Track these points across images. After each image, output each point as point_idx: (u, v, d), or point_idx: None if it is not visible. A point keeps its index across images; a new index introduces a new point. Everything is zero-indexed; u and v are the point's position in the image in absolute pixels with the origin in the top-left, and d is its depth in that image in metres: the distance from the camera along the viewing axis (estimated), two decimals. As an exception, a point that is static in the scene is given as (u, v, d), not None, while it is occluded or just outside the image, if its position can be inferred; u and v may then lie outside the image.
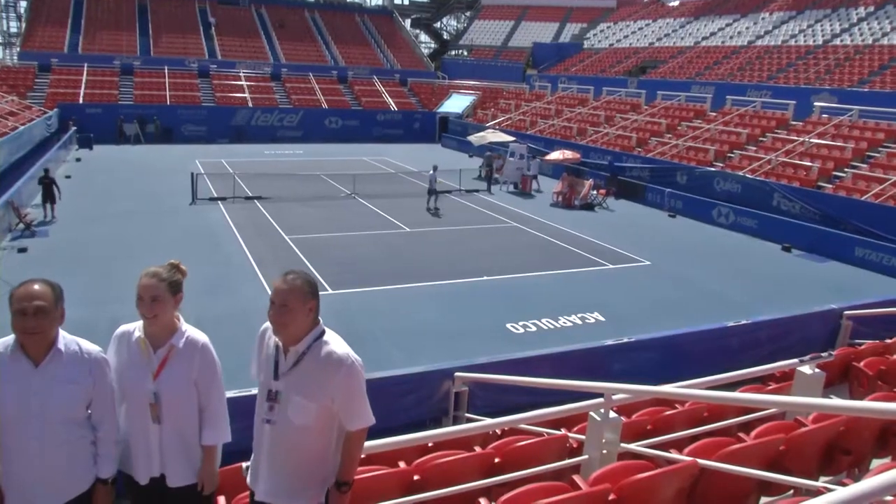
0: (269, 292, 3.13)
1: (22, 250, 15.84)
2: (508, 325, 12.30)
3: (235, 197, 22.81)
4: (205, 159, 31.42)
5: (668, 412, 5.17)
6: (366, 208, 22.45)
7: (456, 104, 47.79)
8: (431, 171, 22.95)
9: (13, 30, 51.45)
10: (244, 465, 3.47)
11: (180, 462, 3.32)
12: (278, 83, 46.84)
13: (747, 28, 43.30)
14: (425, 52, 62.70)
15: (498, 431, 5.28)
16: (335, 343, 3.10)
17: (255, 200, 22.69)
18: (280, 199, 22.85)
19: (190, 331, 3.34)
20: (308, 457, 3.12)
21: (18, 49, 47.19)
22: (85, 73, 42.22)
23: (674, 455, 3.98)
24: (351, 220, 20.62)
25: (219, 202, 22.33)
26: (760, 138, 26.81)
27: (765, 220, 20.81)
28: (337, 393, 3.04)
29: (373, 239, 18.40)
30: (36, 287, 2.97)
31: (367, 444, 4.32)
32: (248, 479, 3.35)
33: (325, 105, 44.95)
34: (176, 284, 3.30)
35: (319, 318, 3.16)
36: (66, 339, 3.08)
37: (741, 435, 4.39)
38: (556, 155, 29.44)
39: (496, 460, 4.32)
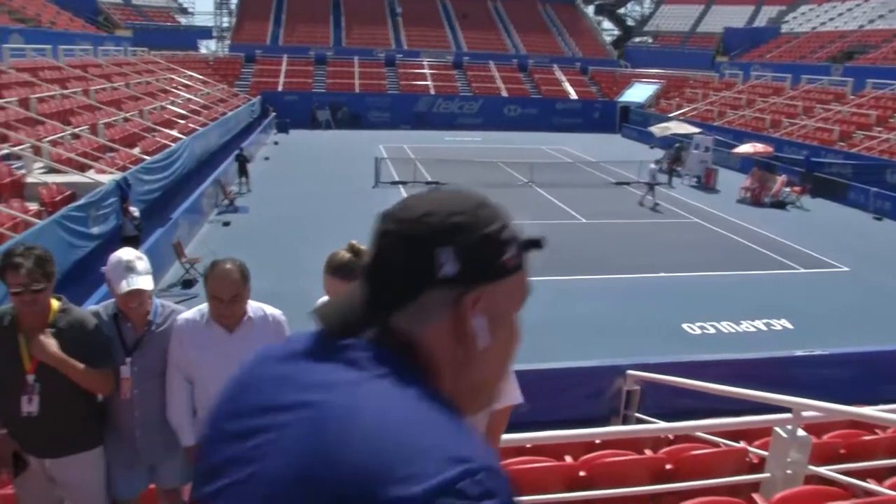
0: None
1: (226, 224, 17.48)
2: (684, 325, 11.79)
3: (415, 181, 23.61)
4: (388, 144, 32.77)
5: (865, 437, 4.70)
6: (542, 197, 22.38)
7: (638, 93, 46.24)
8: (652, 165, 22.22)
9: (225, 24, 56.41)
10: None
11: None
12: (460, 71, 47.76)
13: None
14: (608, 39, 61.10)
15: (670, 436, 5.09)
16: None
17: (434, 185, 23.34)
18: (458, 185, 23.21)
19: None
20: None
21: (229, 42, 51.76)
22: (284, 63, 45.46)
23: (873, 486, 3.63)
24: (527, 208, 20.62)
25: (399, 186, 23.24)
26: None
27: None
28: None
29: (548, 228, 18.22)
30: (230, 279, 3.18)
31: (534, 435, 4.34)
32: None
33: (504, 93, 45.24)
34: (356, 275, 3.37)
35: None
36: (252, 306, 3.34)
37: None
38: (746, 148, 27.64)
39: (668, 466, 4.16)
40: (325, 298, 3.47)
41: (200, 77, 37.77)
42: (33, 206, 12.29)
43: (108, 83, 25.47)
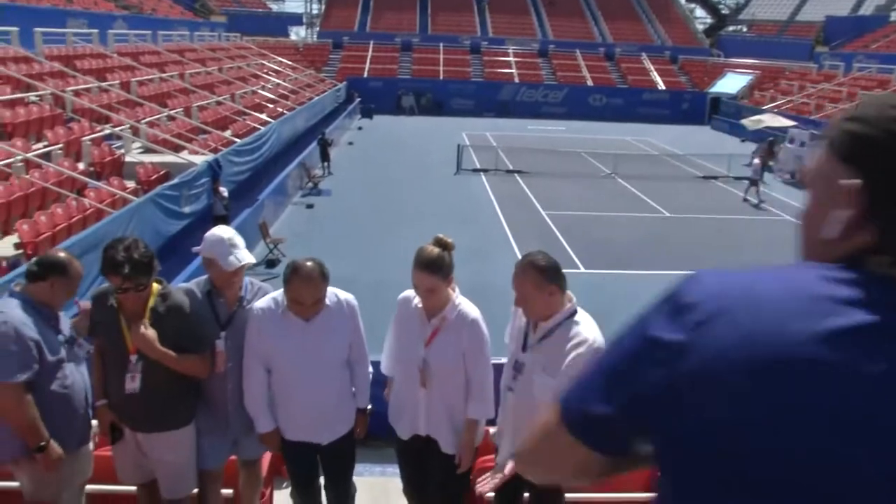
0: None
1: (309, 206, 17.86)
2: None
3: (497, 169, 23.53)
4: (470, 132, 32.74)
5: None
6: (625, 189, 21.92)
7: (730, 84, 44.57)
8: (756, 160, 21.47)
9: (314, 11, 57.52)
10: (491, 430, 3.59)
11: (445, 429, 3.41)
12: (545, 59, 47.21)
13: None
14: (700, 27, 59.05)
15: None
16: (585, 325, 3.06)
17: (516, 174, 23.21)
18: (540, 174, 23.12)
19: (463, 304, 3.38)
20: None
21: (318, 29, 52.78)
22: (370, 49, 45.99)
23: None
24: (609, 200, 20.27)
25: (481, 173, 23.21)
26: None
27: None
28: (571, 372, 3.00)
29: (630, 221, 17.93)
30: (312, 284, 3.22)
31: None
32: (493, 439, 3.50)
33: (590, 82, 44.48)
34: (449, 268, 3.29)
35: (571, 297, 3.13)
36: (327, 294, 3.37)
37: None
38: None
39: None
40: (410, 293, 3.45)
41: (289, 62, 38.68)
42: (131, 184, 12.88)
43: (203, 67, 26.39)
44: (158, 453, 3.40)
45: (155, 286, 3.28)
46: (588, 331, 3.04)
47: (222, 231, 3.45)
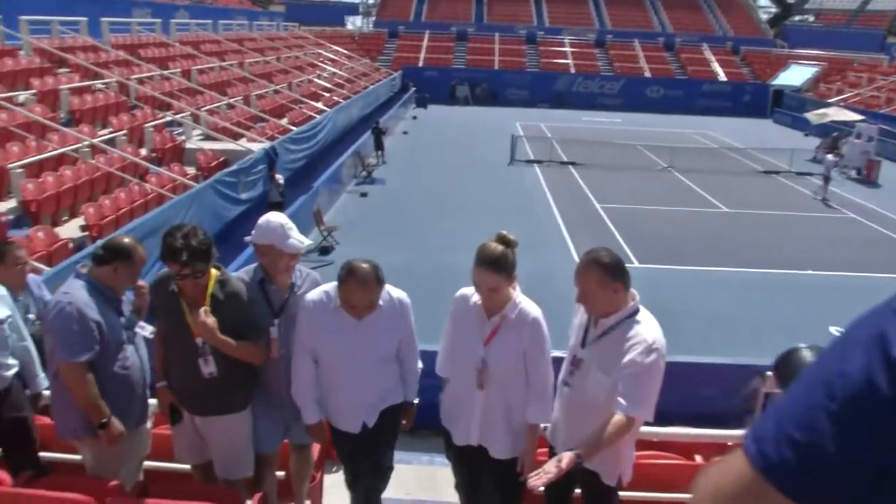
0: (576, 257, 3.12)
1: (363, 195, 18.01)
2: (832, 329, 10.96)
3: (551, 161, 23.33)
4: (525, 122, 32.52)
5: None
6: (682, 183, 21.48)
7: (794, 76, 43.20)
8: (829, 156, 20.69)
9: (371, 1, 57.77)
10: (542, 425, 3.54)
11: (501, 433, 3.30)
12: (602, 50, 46.54)
13: None
14: (764, 17, 57.31)
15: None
16: (647, 326, 2.99)
17: (570, 166, 22.98)
18: (594, 166, 22.83)
19: (524, 303, 3.25)
20: (596, 425, 2.99)
21: (374, 18, 53.04)
22: (426, 39, 46.02)
23: None
24: (665, 193, 19.91)
25: (535, 165, 23.05)
26: None
27: None
28: (627, 373, 2.94)
29: (687, 216, 17.58)
30: (365, 289, 3.17)
31: (663, 430, 4.18)
32: (547, 435, 3.41)
33: (647, 73, 43.70)
34: (511, 267, 3.17)
35: (635, 295, 3.07)
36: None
37: None
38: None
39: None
40: (468, 290, 3.34)
41: (345, 52, 38.98)
42: (191, 170, 13.20)
43: (262, 56, 26.80)
44: (216, 436, 3.48)
45: (214, 272, 3.33)
46: (648, 331, 2.96)
47: (277, 217, 3.49)
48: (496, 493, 3.45)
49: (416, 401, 3.61)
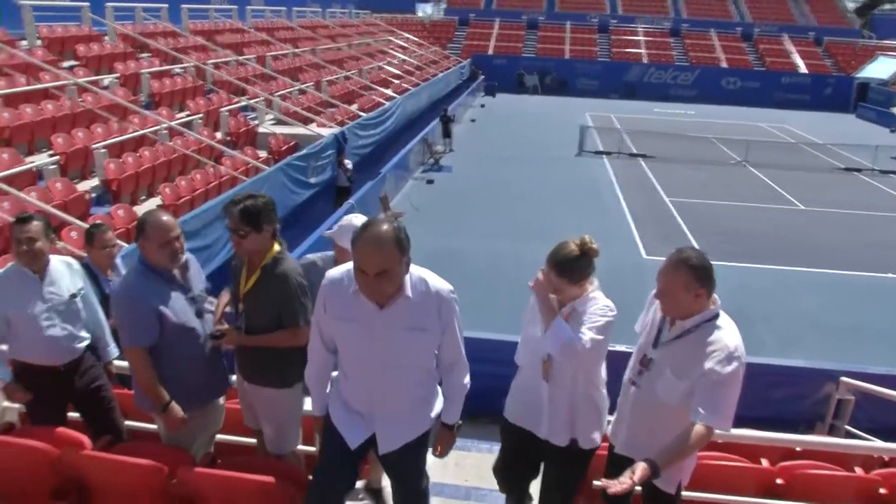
0: (643, 251, 3.06)
1: (430, 182, 18.10)
2: (915, 333, 10.49)
3: (620, 153, 22.94)
4: (594, 113, 32.05)
5: None
6: (756, 178, 20.80)
7: (882, 69, 41.16)
8: None
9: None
10: (606, 419, 3.49)
11: (562, 422, 3.25)
12: (677, 39, 45.38)
13: None
14: (850, 6, 54.75)
15: (885, 457, 4.57)
16: (727, 331, 2.87)
17: (640, 158, 22.54)
18: (665, 159, 22.34)
19: (599, 299, 3.14)
20: (664, 430, 2.94)
21: (444, 6, 53.03)
22: (496, 27, 45.78)
23: None
24: (738, 189, 19.33)
25: (603, 156, 22.71)
26: None
27: None
28: (707, 381, 2.82)
29: (760, 212, 17.03)
30: (378, 248, 2.49)
31: (729, 431, 4.09)
32: (609, 431, 3.35)
33: (724, 64, 42.44)
34: (579, 276, 3.09)
35: (716, 299, 2.96)
36: (413, 278, 2.69)
37: None
38: None
39: (881, 490, 3.74)
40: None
41: (416, 39, 39.12)
42: (263, 154, 13.50)
43: (333, 43, 27.15)
44: (262, 408, 3.54)
45: (276, 248, 3.37)
46: (730, 337, 2.85)
47: (359, 221, 3.39)
48: (555, 484, 3.42)
49: (458, 423, 3.04)
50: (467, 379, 2.97)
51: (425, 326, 2.73)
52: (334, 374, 3.03)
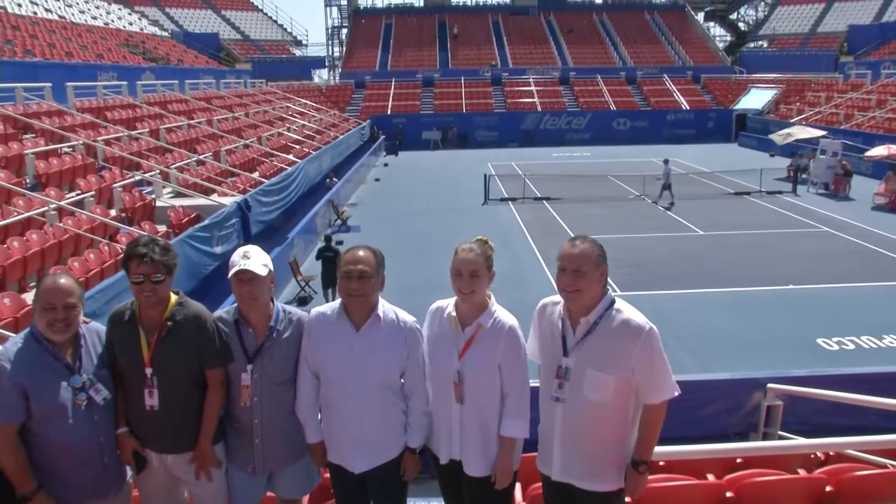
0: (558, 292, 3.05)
1: (339, 243, 17.77)
2: (819, 341, 10.95)
3: (525, 197, 23.41)
4: (496, 162, 32.74)
5: None
6: (656, 210, 21.63)
7: (755, 100, 44.22)
8: (666, 166, 22.47)
9: (336, 54, 58.59)
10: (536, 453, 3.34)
11: (477, 450, 3.18)
12: (566, 87, 47.31)
13: None
14: (720, 45, 58.84)
15: (820, 456, 4.62)
16: (629, 311, 2.96)
17: (544, 201, 23.05)
18: (568, 199, 22.94)
19: (500, 312, 3.19)
20: (605, 435, 2.95)
21: (340, 70, 53.69)
22: (392, 87, 46.53)
23: None
24: (640, 221, 20.00)
25: (509, 202, 23.11)
26: None
27: None
28: (638, 363, 2.88)
29: (663, 241, 17.63)
30: (360, 253, 3.16)
31: (668, 449, 4.00)
32: (538, 464, 3.21)
33: (613, 107, 44.42)
34: (490, 260, 3.23)
35: (608, 287, 3.03)
36: (385, 307, 3.23)
37: None
38: (879, 151, 25.80)
39: (827, 488, 3.73)
40: (442, 302, 3.38)
41: (314, 104, 39.19)
42: (162, 228, 12.95)
43: (230, 113, 26.78)
44: (189, 474, 3.22)
45: (173, 297, 3.14)
46: (635, 315, 2.96)
47: (245, 247, 3.33)
48: None
49: (418, 447, 3.28)
50: (429, 407, 3.26)
51: (395, 348, 3.16)
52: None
